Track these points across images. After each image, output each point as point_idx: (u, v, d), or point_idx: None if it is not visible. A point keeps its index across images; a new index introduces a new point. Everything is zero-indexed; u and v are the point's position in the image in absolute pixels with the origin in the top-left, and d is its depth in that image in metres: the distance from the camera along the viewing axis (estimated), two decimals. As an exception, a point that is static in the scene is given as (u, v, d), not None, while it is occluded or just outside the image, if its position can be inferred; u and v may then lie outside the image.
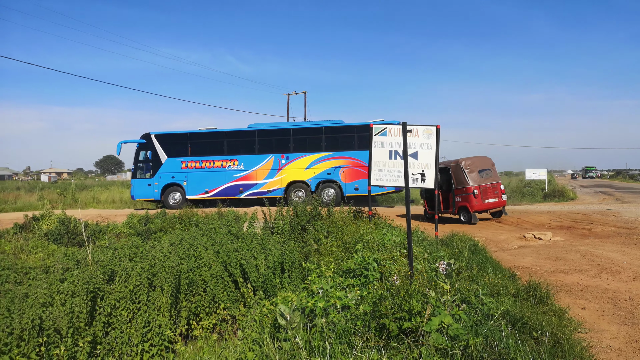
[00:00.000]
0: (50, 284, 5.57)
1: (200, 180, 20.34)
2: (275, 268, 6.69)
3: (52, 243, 10.50)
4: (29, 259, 8.54)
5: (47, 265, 7.15)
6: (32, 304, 4.87)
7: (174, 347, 4.87)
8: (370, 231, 8.61)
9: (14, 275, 6.53)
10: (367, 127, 19.85)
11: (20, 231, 12.06)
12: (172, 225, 12.30)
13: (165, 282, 5.45)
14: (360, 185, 18.89)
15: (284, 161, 19.91)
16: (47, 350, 4.03)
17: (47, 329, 4.17)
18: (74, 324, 4.32)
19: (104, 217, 16.89)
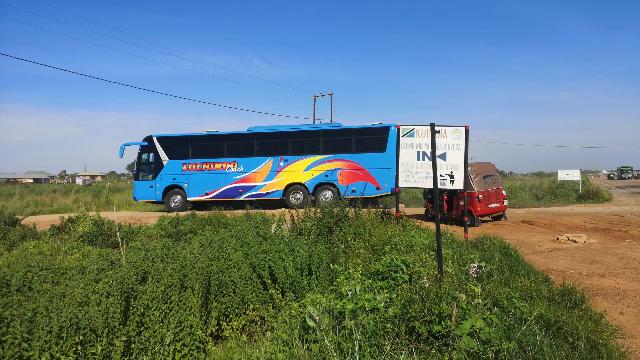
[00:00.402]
0: (86, 284, 5.74)
1: (201, 182, 20.62)
2: (303, 270, 6.71)
3: (87, 244, 10.82)
4: (65, 260, 8.82)
5: (83, 266, 7.35)
6: (69, 303, 5.03)
7: (205, 347, 4.95)
8: (399, 233, 8.55)
9: (51, 276, 6.74)
10: (364, 130, 20.03)
11: (57, 232, 12.47)
12: (202, 227, 12.49)
13: (196, 283, 5.54)
14: (358, 188, 19.00)
15: (283, 163, 20.11)
16: (84, 349, 4.16)
17: (83, 328, 4.30)
18: (108, 323, 4.44)
19: (136, 219, 17.30)
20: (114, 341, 4.28)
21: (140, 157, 21.43)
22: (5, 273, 6.65)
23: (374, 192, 18.80)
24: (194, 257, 6.71)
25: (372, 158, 19.20)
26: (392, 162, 18.43)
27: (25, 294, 6.10)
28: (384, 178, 18.93)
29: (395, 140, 18.62)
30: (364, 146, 19.45)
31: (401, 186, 10.56)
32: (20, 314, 4.42)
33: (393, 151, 18.65)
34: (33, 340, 4.02)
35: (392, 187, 18.61)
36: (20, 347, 3.91)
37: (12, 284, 6.27)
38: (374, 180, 19.07)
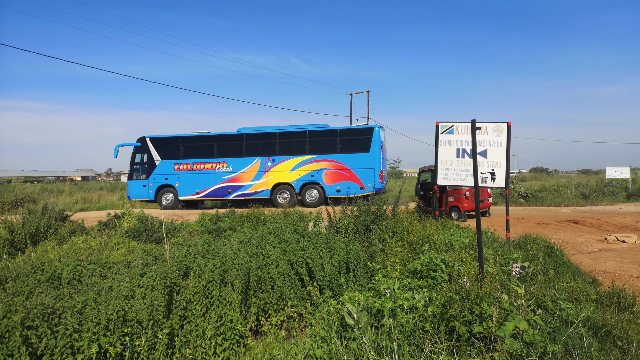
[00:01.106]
0: (131, 279, 5.96)
1: (192, 182, 21.14)
2: (340, 267, 6.72)
3: (132, 240, 11.21)
4: (112, 255, 9.17)
5: (128, 261, 7.64)
6: (116, 296, 5.24)
7: (245, 342, 5.04)
8: (437, 232, 8.42)
9: (99, 270, 7.03)
10: (348, 131, 20.33)
11: (104, 228, 12.98)
12: (241, 223, 12.70)
13: (236, 278, 5.65)
14: (342, 187, 19.45)
15: (270, 164, 20.51)
16: (130, 340, 4.32)
17: (129, 321, 4.47)
18: (153, 316, 4.59)
19: (178, 215, 17.77)
20: (158, 334, 4.42)
21: (134, 158, 22.11)
22: (56, 267, 6.99)
23: (358, 192, 18.92)
24: (233, 254, 6.84)
25: (356, 158, 19.55)
26: (376, 162, 19.21)
27: (75, 286, 6.40)
28: (368, 178, 19.30)
29: (378, 141, 19.46)
30: (349, 147, 19.84)
31: (440, 184, 10.39)
32: (71, 306, 4.63)
33: (376, 152, 19.32)
34: (83, 331, 4.21)
35: (375, 187, 19.02)
36: (71, 337, 4.10)
37: (63, 277, 6.58)
38: (358, 180, 19.45)
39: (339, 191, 19.49)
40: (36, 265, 7.13)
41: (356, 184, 19.44)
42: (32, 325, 4.17)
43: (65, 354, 3.98)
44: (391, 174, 47.78)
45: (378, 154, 19.36)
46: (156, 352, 4.25)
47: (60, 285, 6.37)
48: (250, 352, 4.66)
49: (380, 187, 19.21)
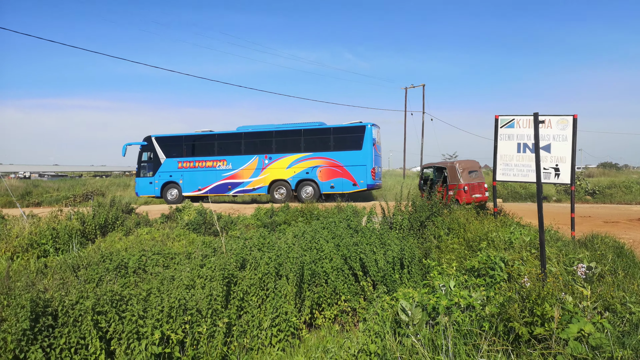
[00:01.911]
0: (192, 269, 6.22)
1: (194, 179, 21.99)
2: (394, 263, 6.67)
3: (192, 232, 11.67)
4: (173, 246, 9.60)
5: (189, 252, 7.96)
6: (177, 285, 5.49)
7: (300, 334, 5.12)
8: (496, 229, 8.15)
9: (162, 260, 7.39)
10: (341, 129, 20.79)
11: (166, 220, 13.59)
12: (295, 218, 12.88)
13: (291, 272, 5.75)
14: (335, 184, 20.10)
15: (267, 161, 21.13)
16: (191, 328, 4.51)
17: (190, 309, 4.67)
18: (212, 305, 4.77)
19: (234, 209, 18.28)
20: (217, 322, 4.58)
21: (140, 156, 23.09)
22: (123, 256, 7.41)
23: (351, 188, 19.77)
24: (288, 247, 6.96)
25: (349, 156, 20.01)
26: (368, 159, 19.62)
27: (140, 275, 6.76)
28: (360, 175, 19.77)
29: (370, 138, 19.80)
30: (342, 144, 20.31)
31: (499, 180, 10.04)
32: (137, 294, 4.90)
33: (368, 149, 19.70)
34: (147, 317, 4.44)
35: (367, 183, 19.60)
36: (136, 323, 4.34)
37: (129, 267, 6.97)
38: (351, 177, 19.91)
39: (333, 187, 20.20)
40: (105, 254, 7.59)
41: (349, 180, 19.97)
42: (102, 310, 4.46)
43: (131, 339, 4.22)
44: (447, 170, 46.57)
45: (370, 152, 19.80)
46: (215, 340, 4.42)
47: (127, 274, 6.75)
48: (305, 344, 4.73)
49: (373, 183, 19.82)
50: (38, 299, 4.44)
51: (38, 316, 4.35)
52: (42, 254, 9.99)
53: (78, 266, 7.39)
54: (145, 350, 4.11)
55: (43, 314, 4.42)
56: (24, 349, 4.09)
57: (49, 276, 6.98)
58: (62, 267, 7.39)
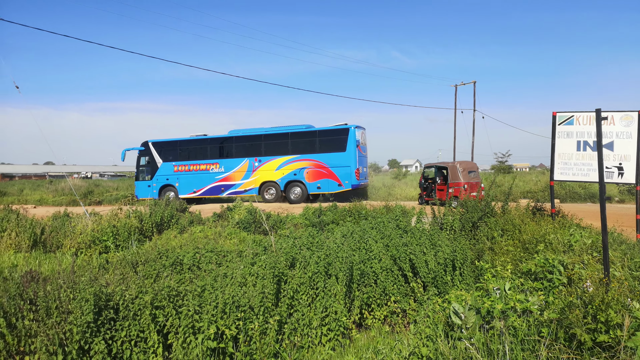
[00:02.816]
0: (243, 267, 6.36)
1: (190, 182, 23.07)
2: (446, 265, 6.53)
3: (242, 230, 11.94)
4: (225, 244, 9.86)
5: (240, 250, 8.15)
6: (230, 283, 5.63)
7: (350, 334, 5.12)
8: (554, 231, 7.79)
9: (215, 257, 7.60)
10: (326, 132, 21.38)
11: (218, 219, 13.97)
12: (343, 217, 12.88)
13: (340, 271, 5.75)
14: (322, 184, 20.94)
15: (257, 164, 22.11)
16: (244, 324, 4.61)
17: (243, 306, 4.77)
18: (264, 303, 4.86)
19: (283, 208, 18.52)
20: (269, 320, 4.66)
21: (139, 161, 24.33)
22: (178, 253, 7.68)
23: (337, 188, 20.64)
24: (337, 247, 6.97)
25: (334, 157, 20.78)
26: (352, 160, 20.39)
27: (195, 272, 6.98)
28: (345, 175, 20.55)
29: (354, 140, 20.53)
30: (327, 146, 21.07)
31: (557, 179, 9.60)
32: (192, 290, 5.06)
33: (352, 151, 20.46)
34: (203, 313, 4.58)
35: (352, 184, 20.39)
36: (192, 318, 4.48)
37: (184, 263, 7.22)
38: (336, 178, 20.69)
39: (319, 188, 21.03)
40: (161, 251, 7.90)
41: (334, 181, 20.77)
42: (160, 305, 4.64)
43: (187, 333, 4.36)
44: (499, 169, 45.12)
45: (354, 153, 20.49)
46: (267, 337, 4.49)
47: (182, 271, 7.00)
48: (355, 344, 4.73)
49: (357, 183, 20.58)
50: (101, 293, 4.68)
51: (101, 309, 4.59)
52: (104, 250, 10.53)
53: (137, 262, 7.72)
54: (201, 345, 4.24)
55: (105, 307, 4.65)
56: (88, 340, 4.32)
57: (110, 271, 7.34)
58: (122, 263, 7.75)
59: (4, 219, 11.55)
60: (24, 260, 9.18)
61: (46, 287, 5.03)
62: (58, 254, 9.97)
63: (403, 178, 39.00)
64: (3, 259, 9.27)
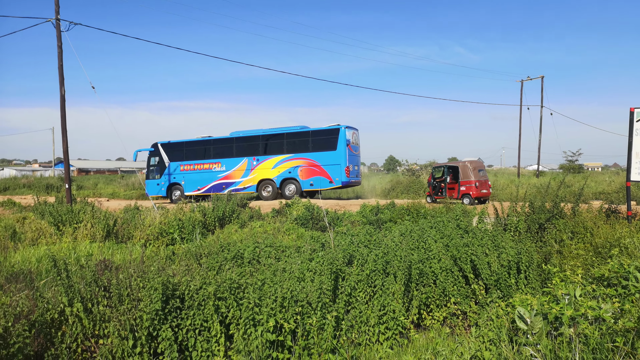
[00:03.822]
0: (301, 262, 6.45)
1: (194, 180, 24.51)
2: (510, 267, 6.28)
3: (300, 226, 12.11)
4: (283, 239, 10.04)
5: (298, 246, 8.28)
6: (289, 277, 5.73)
7: (408, 334, 5.06)
8: (630, 234, 7.28)
9: (274, 252, 7.77)
10: (318, 132, 22.54)
11: (277, 215, 14.27)
12: (401, 216, 12.72)
13: (398, 270, 5.69)
14: (314, 182, 21.94)
15: (255, 163, 23.32)
16: (302, 319, 4.67)
17: (301, 301, 4.84)
18: (322, 299, 4.90)
19: (340, 205, 18.58)
20: (327, 315, 4.70)
21: (149, 161, 26.02)
22: (239, 247, 7.92)
23: (328, 185, 21.64)
24: (395, 245, 6.89)
25: (325, 156, 21.73)
26: (342, 159, 21.30)
27: (255, 265, 7.17)
28: (336, 173, 21.45)
29: (344, 140, 21.50)
30: (319, 146, 22.06)
31: (634, 180, 8.96)
32: (252, 283, 5.20)
33: (342, 149, 21.37)
34: (262, 306, 4.69)
35: (342, 181, 21.30)
36: (252, 310, 4.61)
37: (245, 257, 7.43)
38: (328, 175, 21.61)
39: (312, 185, 22.03)
40: (223, 245, 8.18)
41: (326, 178, 21.69)
42: (222, 296, 4.80)
43: (248, 325, 4.49)
44: (568, 168, 42.73)
45: (344, 152, 21.41)
46: (325, 332, 4.53)
47: (243, 264, 7.21)
48: (413, 345, 4.66)
49: (347, 180, 21.45)
50: (168, 282, 4.91)
51: (168, 298, 4.82)
52: (170, 242, 11.05)
53: (200, 255, 8.04)
54: (261, 337, 4.35)
55: (172, 296, 4.88)
56: (156, 327, 4.56)
57: (176, 262, 7.70)
58: (187, 255, 8.11)
59: (80, 210, 12.41)
60: (98, 249, 9.82)
61: (118, 275, 5.35)
62: (129, 245, 10.58)
63: (464, 177, 37.80)
64: (80, 248, 9.96)
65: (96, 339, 4.75)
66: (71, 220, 11.73)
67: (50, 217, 11.90)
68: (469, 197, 19.11)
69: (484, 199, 20.08)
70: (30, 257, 8.89)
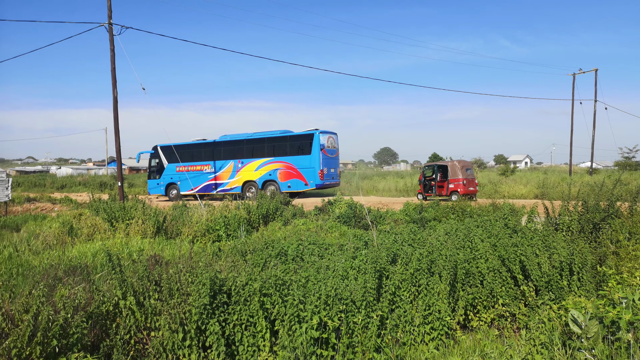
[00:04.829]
0: (345, 260, 6.45)
1: (188, 181, 26.22)
2: (562, 269, 6.03)
3: (342, 224, 12.11)
4: (326, 237, 10.07)
5: (341, 244, 8.28)
6: (332, 275, 5.75)
7: (454, 335, 4.96)
8: (695, 236, 6.83)
9: (317, 250, 7.81)
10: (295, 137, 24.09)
11: (319, 213, 14.34)
12: (446, 215, 12.49)
13: (443, 269, 5.59)
14: (292, 184, 23.42)
15: (240, 165, 25.12)
16: (346, 317, 4.68)
17: (345, 299, 4.85)
18: (365, 297, 4.89)
19: (383, 204, 18.46)
20: (371, 314, 4.69)
21: (150, 162, 28.49)
22: (283, 244, 8.01)
23: (304, 187, 23.04)
24: (440, 244, 6.77)
25: (301, 160, 23.18)
26: (316, 162, 22.63)
27: (298, 263, 7.24)
28: (310, 176, 22.81)
29: (318, 144, 22.84)
30: (296, 150, 23.58)
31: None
32: (297, 280, 5.26)
33: (316, 154, 22.69)
34: (307, 303, 4.73)
35: (316, 183, 22.63)
36: (297, 307, 4.66)
37: (288, 254, 7.51)
38: (303, 178, 23.02)
39: (290, 187, 23.44)
40: (268, 242, 8.31)
41: (302, 181, 23.09)
42: (267, 293, 4.88)
43: (293, 321, 4.54)
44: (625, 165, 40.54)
45: (318, 156, 22.74)
46: (369, 331, 4.52)
47: (287, 261, 7.29)
48: (460, 346, 4.57)
49: (321, 183, 22.75)
50: (215, 278, 5.04)
51: (215, 293, 4.95)
52: (216, 239, 11.34)
53: (245, 251, 8.20)
54: (305, 334, 4.39)
55: (219, 291, 5.01)
56: (204, 321, 4.69)
57: (223, 259, 7.88)
58: (233, 251, 8.29)
59: (132, 207, 12.93)
60: (149, 245, 10.21)
61: (168, 270, 5.54)
62: (177, 241, 10.94)
63: (511, 175, 36.78)
64: (132, 243, 10.39)
65: (148, 331, 4.94)
66: (123, 217, 12.26)
67: (105, 214, 12.47)
68: (457, 194, 20.55)
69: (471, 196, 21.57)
70: (86, 251, 9.36)
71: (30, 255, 9.30)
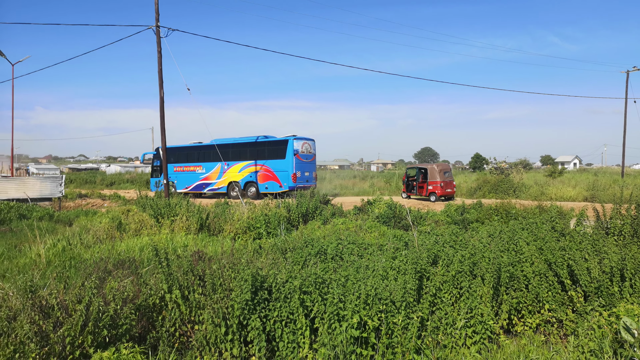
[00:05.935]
0: (385, 260, 6.42)
1: (183, 180, 29.51)
2: (613, 274, 5.77)
3: (382, 224, 12.04)
4: (366, 237, 10.04)
5: (381, 244, 8.24)
6: (372, 275, 5.73)
7: (497, 339, 4.85)
8: None
9: (356, 249, 7.81)
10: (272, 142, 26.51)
11: (359, 212, 14.31)
12: (489, 216, 12.20)
13: (486, 272, 5.47)
14: (269, 186, 25.68)
15: (226, 167, 27.57)
16: (386, 317, 4.67)
17: (384, 299, 4.83)
18: (405, 298, 4.85)
19: (424, 205, 18.24)
20: (411, 315, 4.65)
21: (153, 162, 31.24)
22: (322, 243, 8.05)
23: (279, 189, 24.97)
24: (482, 247, 6.62)
25: (277, 163, 25.44)
26: (290, 166, 24.77)
27: (337, 262, 7.26)
28: (284, 178, 25.01)
29: (292, 150, 25.04)
30: (272, 154, 25.77)
31: None
32: (336, 279, 5.28)
33: (290, 158, 24.85)
34: (346, 302, 4.75)
35: (289, 185, 24.55)
36: (337, 306, 4.68)
37: (328, 253, 7.55)
38: (278, 180, 25.28)
39: (267, 188, 25.58)
40: (307, 240, 8.37)
41: (277, 183, 25.29)
42: (307, 290, 4.93)
43: (332, 320, 4.57)
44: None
45: (291, 160, 24.80)
46: (409, 332, 4.48)
47: (326, 260, 7.33)
48: (503, 351, 4.46)
49: (293, 185, 24.33)
50: (257, 275, 5.14)
51: (257, 290, 5.04)
52: (257, 236, 11.53)
53: (285, 249, 8.30)
54: (345, 332, 4.41)
55: (260, 288, 5.10)
56: (246, 316, 4.79)
57: (263, 256, 8.01)
58: (273, 249, 8.40)
59: (177, 205, 13.34)
60: (193, 241, 10.51)
61: (212, 266, 5.69)
62: (219, 237, 11.20)
63: (558, 176, 35.46)
64: (176, 239, 10.72)
65: (192, 324, 5.09)
66: (169, 214, 12.66)
67: (151, 210, 12.93)
68: (435, 195, 22.71)
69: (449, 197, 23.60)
70: (134, 246, 9.74)
71: (82, 249, 9.77)
